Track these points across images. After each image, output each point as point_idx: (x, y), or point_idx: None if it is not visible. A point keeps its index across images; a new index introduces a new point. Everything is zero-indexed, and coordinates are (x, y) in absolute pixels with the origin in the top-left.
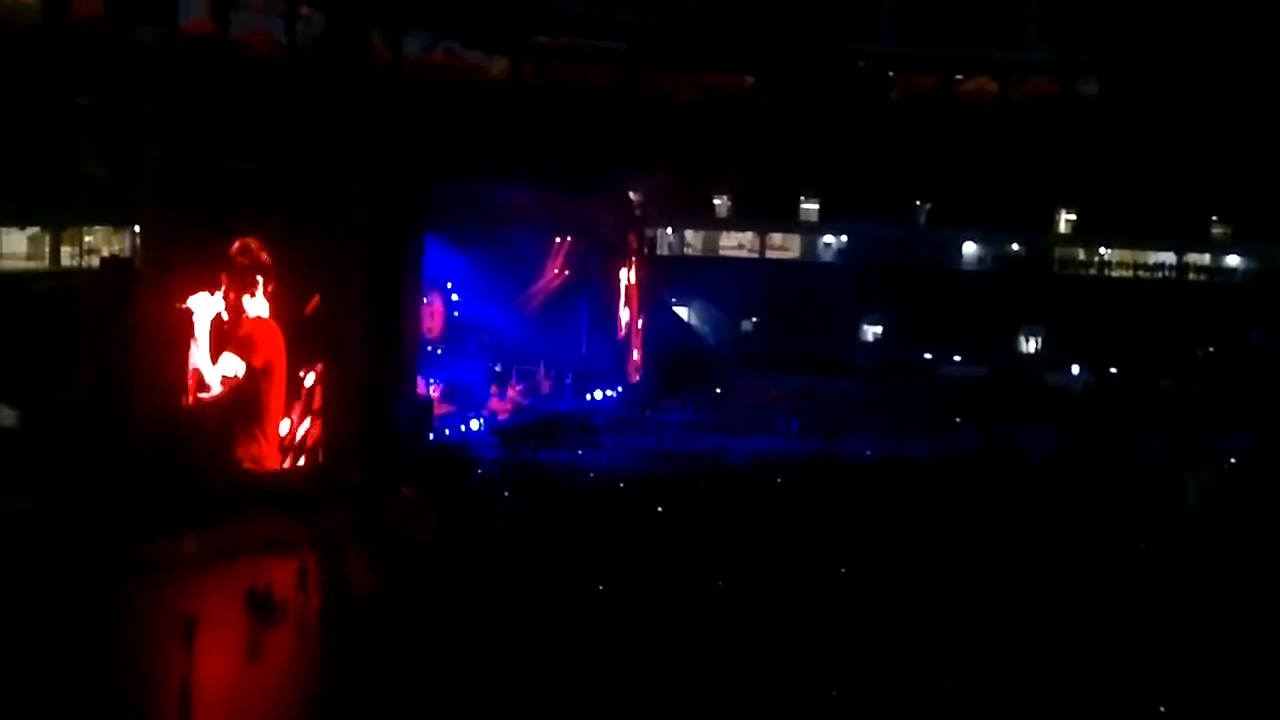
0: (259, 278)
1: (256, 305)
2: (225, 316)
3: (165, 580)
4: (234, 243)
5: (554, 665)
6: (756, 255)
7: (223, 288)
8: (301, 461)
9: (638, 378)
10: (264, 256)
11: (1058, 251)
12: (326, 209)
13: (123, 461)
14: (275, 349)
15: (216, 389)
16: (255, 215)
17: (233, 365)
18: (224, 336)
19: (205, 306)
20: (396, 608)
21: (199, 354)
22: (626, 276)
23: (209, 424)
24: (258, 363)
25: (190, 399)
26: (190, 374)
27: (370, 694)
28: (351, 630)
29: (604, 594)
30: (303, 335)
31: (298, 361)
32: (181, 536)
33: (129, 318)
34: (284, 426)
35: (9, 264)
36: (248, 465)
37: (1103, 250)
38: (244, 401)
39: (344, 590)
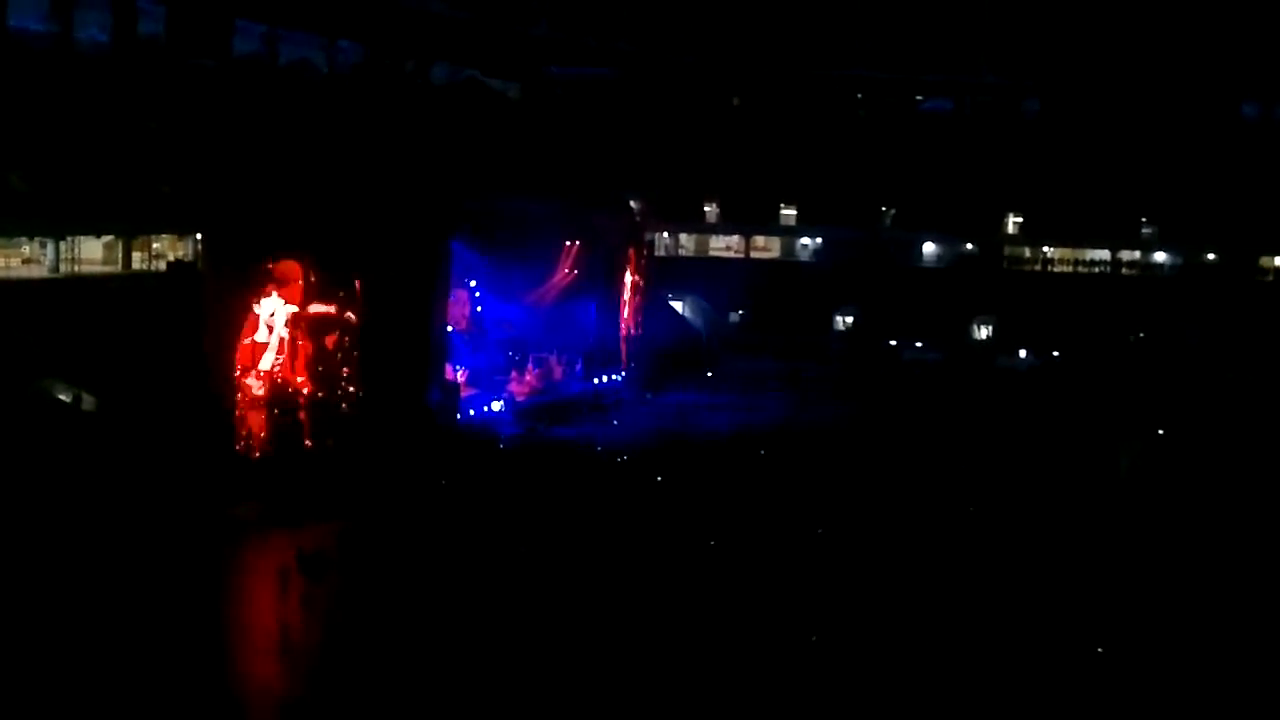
0: (305, 280)
1: (304, 304)
2: (276, 313)
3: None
4: (284, 249)
5: (560, 612)
6: (742, 256)
7: (274, 289)
8: (349, 437)
9: (639, 363)
10: (311, 262)
11: (1006, 250)
12: (365, 219)
13: (186, 438)
14: (324, 342)
15: (272, 375)
16: (303, 225)
17: (283, 354)
18: (274, 330)
19: (262, 304)
20: (423, 558)
21: (254, 345)
22: (628, 275)
23: (269, 406)
24: (308, 353)
25: (250, 384)
26: (248, 362)
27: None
28: (386, 572)
29: (608, 552)
30: (349, 330)
31: (345, 352)
32: (245, 503)
33: (191, 313)
34: (333, 408)
35: (88, 268)
36: (302, 441)
37: (1046, 249)
38: (299, 386)
39: (382, 544)
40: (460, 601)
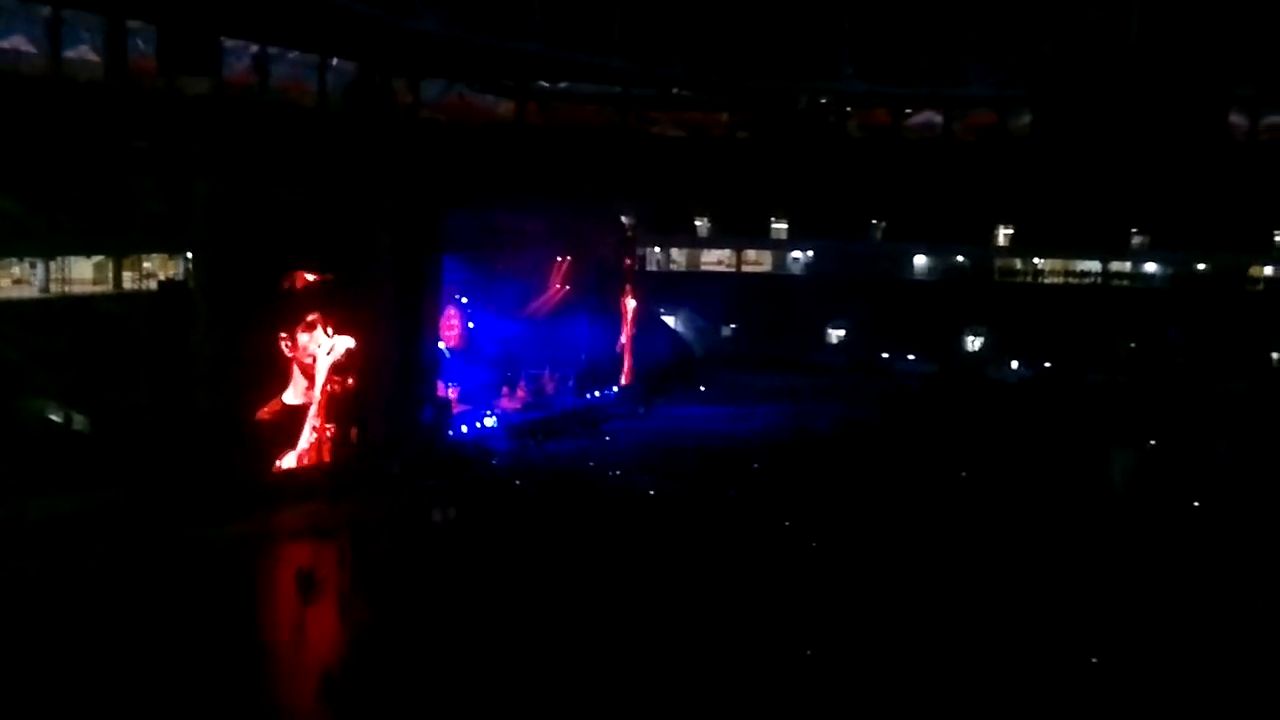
0: (298, 299)
1: (299, 324)
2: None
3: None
4: (274, 267)
5: (560, 626)
6: (733, 270)
7: (266, 306)
8: (342, 457)
9: (631, 378)
10: (303, 280)
11: (997, 262)
12: (357, 237)
13: (184, 457)
14: (318, 360)
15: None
16: (293, 243)
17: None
18: (272, 350)
19: (255, 322)
20: (409, 578)
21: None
22: (620, 290)
23: (265, 425)
24: (306, 372)
25: (243, 402)
26: (245, 379)
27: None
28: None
29: (604, 567)
30: (340, 347)
31: (338, 370)
32: (241, 522)
33: (182, 333)
34: (329, 428)
35: (78, 288)
36: (299, 462)
37: (1037, 260)
38: (296, 406)
39: (370, 564)
40: (460, 619)
